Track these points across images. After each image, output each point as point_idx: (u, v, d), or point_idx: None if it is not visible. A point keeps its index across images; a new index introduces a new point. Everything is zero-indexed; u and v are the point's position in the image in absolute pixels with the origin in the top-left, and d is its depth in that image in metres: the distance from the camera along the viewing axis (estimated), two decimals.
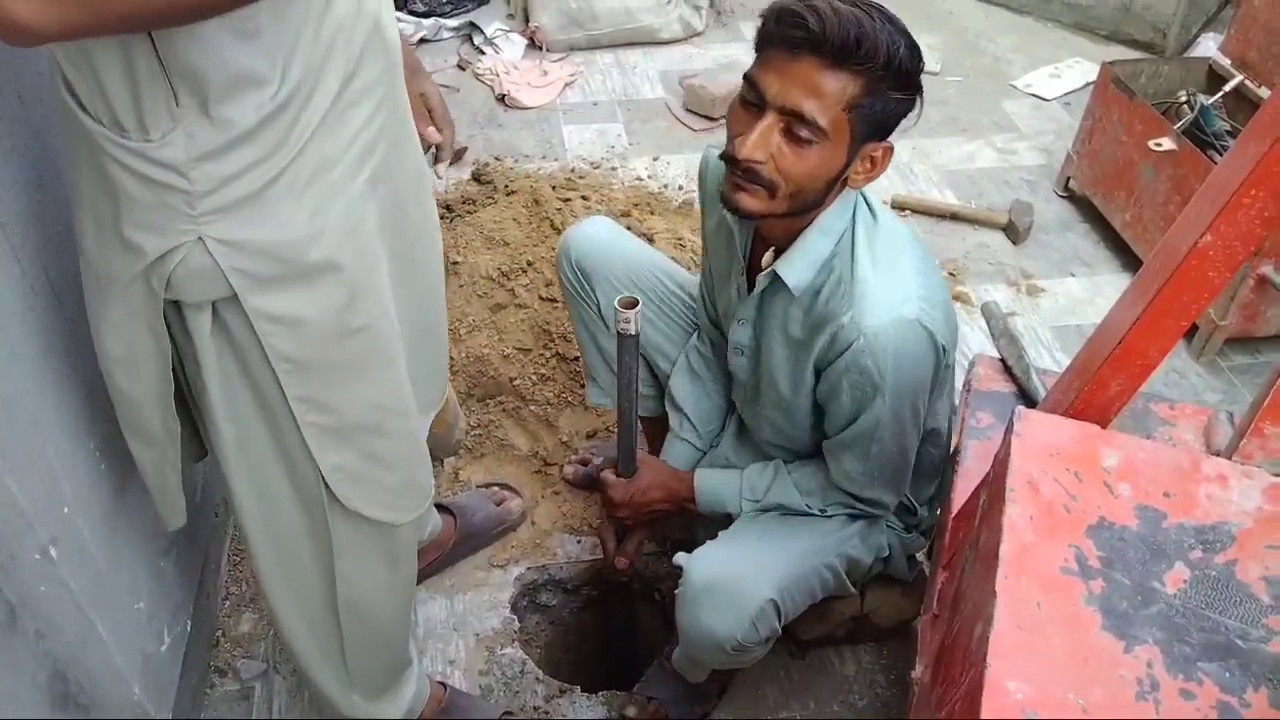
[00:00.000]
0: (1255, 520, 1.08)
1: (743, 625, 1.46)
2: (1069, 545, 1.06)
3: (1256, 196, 1.06)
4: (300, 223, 1.02)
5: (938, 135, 3.44)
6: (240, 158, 0.96)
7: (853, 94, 1.26)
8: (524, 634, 2.01)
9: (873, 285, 1.38)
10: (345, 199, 1.06)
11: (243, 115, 0.94)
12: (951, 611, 1.35)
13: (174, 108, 0.92)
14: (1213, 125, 2.73)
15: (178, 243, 0.99)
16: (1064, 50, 3.94)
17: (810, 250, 1.42)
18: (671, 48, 3.88)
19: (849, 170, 1.35)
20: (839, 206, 1.41)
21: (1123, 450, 1.16)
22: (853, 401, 1.43)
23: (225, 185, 0.96)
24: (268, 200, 0.99)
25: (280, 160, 0.98)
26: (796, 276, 1.43)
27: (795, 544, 1.56)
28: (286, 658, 1.83)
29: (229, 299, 1.05)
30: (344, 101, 1.02)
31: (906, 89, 1.30)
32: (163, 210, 0.97)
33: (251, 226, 1.00)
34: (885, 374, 1.38)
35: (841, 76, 1.25)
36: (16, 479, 1.15)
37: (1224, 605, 1.01)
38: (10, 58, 1.18)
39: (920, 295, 1.39)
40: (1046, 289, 2.82)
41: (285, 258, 1.03)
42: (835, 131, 1.28)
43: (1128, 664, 0.96)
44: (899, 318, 1.36)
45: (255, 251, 1.01)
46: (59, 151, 1.29)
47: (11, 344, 1.15)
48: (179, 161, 0.94)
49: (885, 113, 1.30)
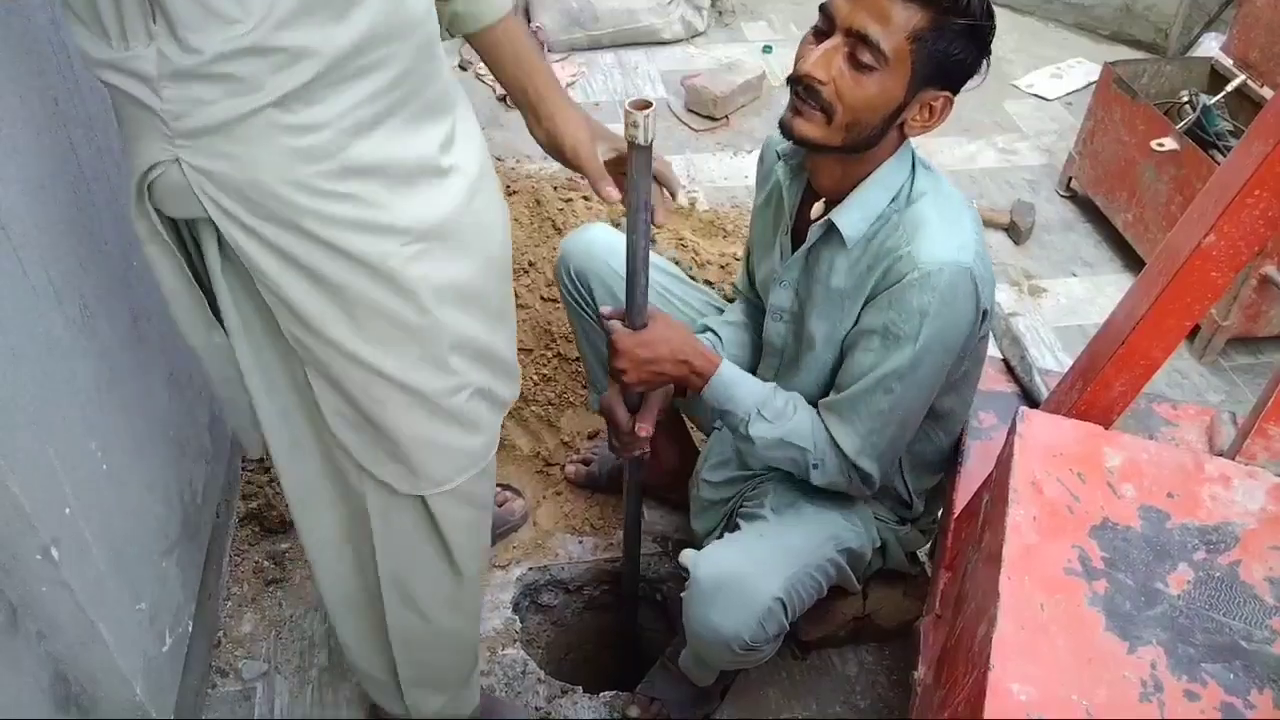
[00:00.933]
0: (1259, 521, 1.08)
1: (751, 624, 1.46)
2: (1072, 546, 1.06)
3: (1260, 197, 1.06)
4: (269, 167, 1.03)
5: (939, 135, 3.43)
6: (209, 87, 0.97)
7: (919, 24, 1.29)
8: (525, 634, 2.01)
9: (935, 225, 1.38)
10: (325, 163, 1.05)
11: (209, 45, 0.95)
12: (954, 612, 1.34)
13: (151, 25, 0.94)
14: (1215, 125, 2.73)
15: (158, 159, 1.01)
16: (1066, 50, 3.94)
17: (868, 202, 1.42)
18: (673, 48, 3.88)
19: (907, 113, 1.36)
20: (896, 162, 1.41)
21: (1126, 451, 1.16)
22: (882, 346, 1.40)
23: (195, 110, 0.98)
24: (238, 137, 1.00)
25: (252, 101, 0.98)
26: (852, 226, 1.42)
27: (797, 540, 1.54)
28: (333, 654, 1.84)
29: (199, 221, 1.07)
30: (344, 71, 1.01)
31: (973, 36, 1.31)
32: (143, 124, 1.00)
33: (222, 160, 1.01)
34: (926, 319, 1.36)
35: (911, 5, 1.28)
36: (18, 479, 1.15)
37: (1228, 606, 1.01)
38: (10, 57, 1.18)
39: (977, 250, 1.38)
40: (1048, 289, 2.82)
41: (250, 198, 1.04)
42: (897, 60, 1.30)
43: (1131, 665, 0.96)
44: (957, 262, 1.35)
45: (225, 186, 1.03)
46: (65, 152, 1.30)
47: (12, 344, 1.15)
48: (150, 76, 0.96)
49: (949, 55, 1.31)
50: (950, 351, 1.42)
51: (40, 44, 1.26)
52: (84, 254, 1.35)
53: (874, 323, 1.41)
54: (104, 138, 1.45)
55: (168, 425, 1.64)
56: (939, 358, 1.41)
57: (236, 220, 1.04)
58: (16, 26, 1.20)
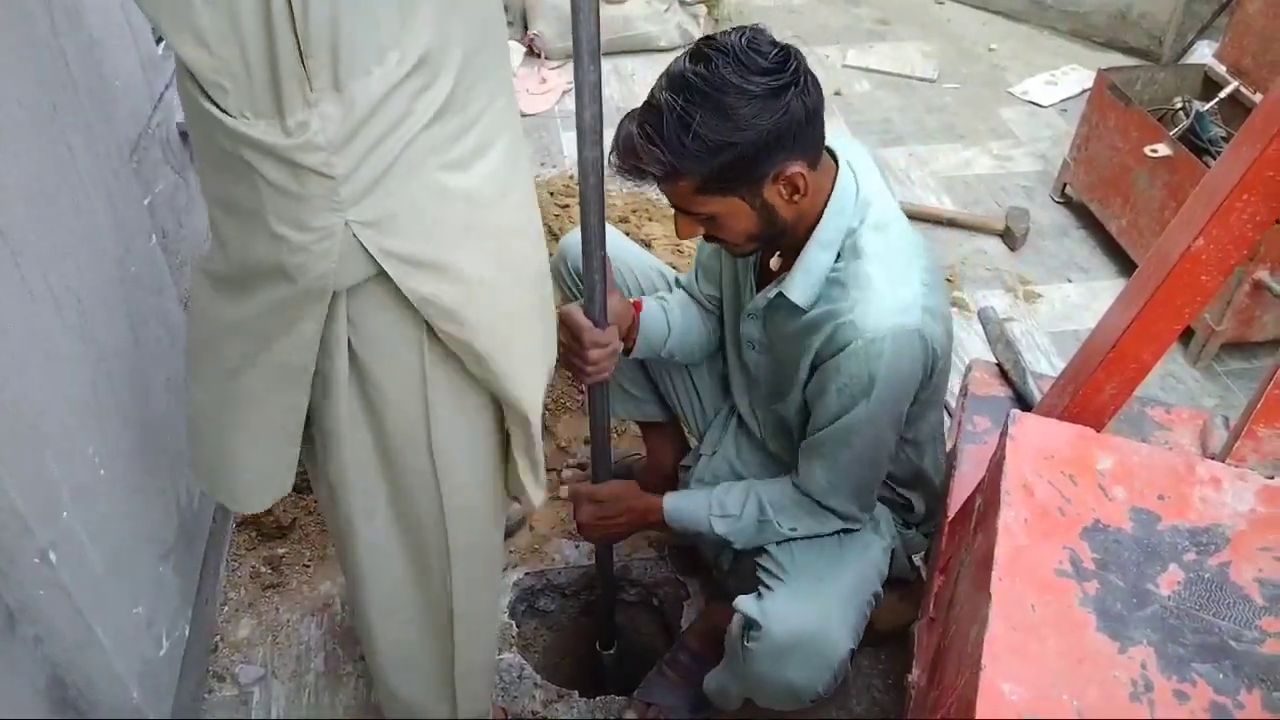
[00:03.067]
0: (1249, 522, 1.09)
1: (827, 679, 1.45)
2: (1063, 547, 1.07)
3: (1248, 201, 1.07)
4: (433, 189, 1.02)
5: (934, 142, 3.45)
6: (373, 131, 0.95)
7: (691, 186, 1.35)
8: (522, 639, 2.01)
9: (879, 286, 1.38)
10: (469, 175, 1.05)
11: (372, 86, 0.93)
12: (947, 615, 1.35)
13: (308, 93, 0.92)
14: (1208, 131, 2.74)
15: (326, 230, 0.99)
16: (1060, 57, 3.96)
17: (812, 267, 1.43)
18: (669, 55, 3.86)
19: (765, 210, 1.37)
20: (831, 218, 1.42)
21: (1117, 453, 1.16)
22: (837, 403, 1.42)
23: (364, 163, 0.96)
24: (397, 174, 0.99)
25: (409, 129, 0.97)
26: (802, 293, 1.44)
27: (852, 579, 1.53)
28: None
29: (357, 285, 1.05)
30: (470, 75, 1.01)
31: (719, 149, 1.29)
32: (307, 200, 0.97)
33: (390, 200, 1.00)
34: (875, 381, 1.38)
35: (667, 181, 1.36)
36: (16, 484, 1.15)
37: (1218, 607, 1.02)
38: (9, 64, 1.18)
39: (924, 305, 1.39)
40: (1043, 294, 2.83)
41: (425, 225, 1.03)
42: (715, 206, 1.37)
43: (1122, 665, 0.97)
44: (900, 326, 1.36)
45: (396, 225, 1.01)
46: (64, 159, 1.31)
47: (12, 350, 1.16)
48: (319, 148, 0.94)
49: (740, 167, 1.32)
50: (904, 399, 1.45)
51: (39, 49, 1.26)
52: (81, 260, 1.35)
53: (827, 385, 1.43)
54: (102, 144, 1.46)
55: (165, 430, 1.65)
56: (893, 409, 1.44)
57: (408, 260, 1.03)
58: (17, 33, 1.21)
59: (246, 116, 0.94)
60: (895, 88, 3.76)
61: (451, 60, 0.98)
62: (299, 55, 0.90)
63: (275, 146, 0.94)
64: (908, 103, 3.67)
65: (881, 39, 4.09)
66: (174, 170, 1.85)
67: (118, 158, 1.52)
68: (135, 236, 1.55)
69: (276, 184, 0.96)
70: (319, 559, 2.04)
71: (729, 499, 1.58)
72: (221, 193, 1.03)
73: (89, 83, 1.42)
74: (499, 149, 1.08)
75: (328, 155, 0.94)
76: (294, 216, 0.98)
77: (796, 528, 1.55)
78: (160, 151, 1.78)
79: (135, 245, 1.55)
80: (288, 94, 0.92)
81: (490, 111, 1.05)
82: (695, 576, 2.02)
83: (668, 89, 1.32)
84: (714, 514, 1.58)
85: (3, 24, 1.17)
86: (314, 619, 1.94)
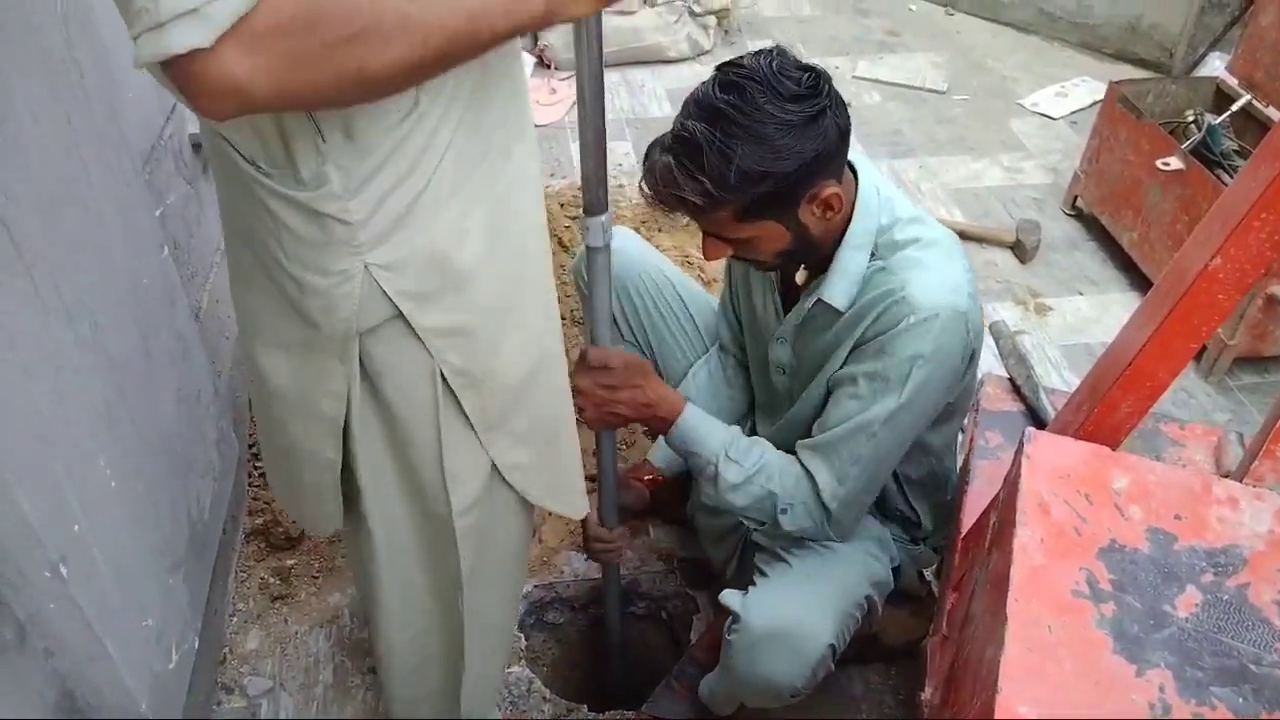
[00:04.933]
0: (1267, 543, 1.08)
1: (805, 674, 1.45)
2: (1080, 568, 1.06)
3: (1267, 220, 1.06)
4: (449, 228, 1.02)
5: (945, 154, 3.44)
6: (389, 176, 0.95)
7: (730, 212, 1.32)
8: (530, 652, 2.00)
9: (928, 267, 1.37)
10: (489, 199, 1.05)
11: (386, 134, 0.93)
12: (961, 633, 1.34)
13: (320, 145, 0.91)
14: (1220, 145, 2.73)
15: (345, 273, 0.99)
16: (1070, 69, 3.95)
17: (848, 268, 1.42)
18: (679, 66, 3.89)
19: (799, 230, 1.37)
20: (860, 221, 1.41)
21: (1133, 472, 1.15)
22: (869, 390, 1.39)
23: (381, 207, 0.96)
24: (419, 213, 0.99)
25: (425, 171, 0.97)
26: (842, 295, 1.43)
27: (839, 580, 1.52)
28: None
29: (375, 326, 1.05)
30: (478, 101, 1.01)
31: (780, 165, 1.28)
32: (328, 246, 0.97)
33: (409, 244, 1.00)
34: (916, 365, 1.36)
35: (710, 212, 1.33)
36: (27, 496, 1.15)
37: (1236, 629, 1.01)
38: (23, 76, 1.19)
39: (970, 292, 1.38)
40: (1054, 307, 2.82)
41: (441, 264, 1.03)
42: (752, 230, 1.35)
43: (1140, 688, 0.96)
44: (953, 306, 1.35)
45: (415, 267, 1.02)
46: (76, 171, 1.31)
47: (23, 361, 1.16)
48: (336, 196, 0.94)
49: (781, 189, 1.30)
50: (936, 396, 1.43)
51: (53, 62, 1.27)
52: (94, 271, 1.35)
53: (862, 368, 1.41)
54: (115, 157, 1.46)
55: (175, 442, 1.65)
56: (925, 402, 1.42)
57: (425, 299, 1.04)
58: (31, 46, 1.21)
59: (259, 166, 0.94)
60: (905, 99, 3.76)
61: (463, 92, 0.97)
62: (310, 116, 0.90)
63: (292, 197, 0.94)
64: (918, 114, 3.67)
65: (891, 50, 4.08)
66: (186, 181, 1.85)
67: (130, 169, 1.52)
68: (147, 248, 1.56)
69: (294, 229, 0.96)
70: (328, 571, 2.03)
71: (748, 455, 1.49)
72: (243, 230, 1.04)
73: (102, 94, 1.42)
74: (513, 166, 1.08)
75: (345, 202, 0.94)
76: (314, 261, 0.98)
77: (786, 516, 1.48)
78: (172, 163, 1.78)
79: (147, 256, 1.55)
80: (300, 148, 0.91)
81: (504, 130, 1.05)
82: (704, 590, 2.01)
83: (700, 119, 1.29)
84: (727, 454, 1.48)
85: (17, 37, 1.17)
86: (322, 630, 1.93)
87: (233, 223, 1.06)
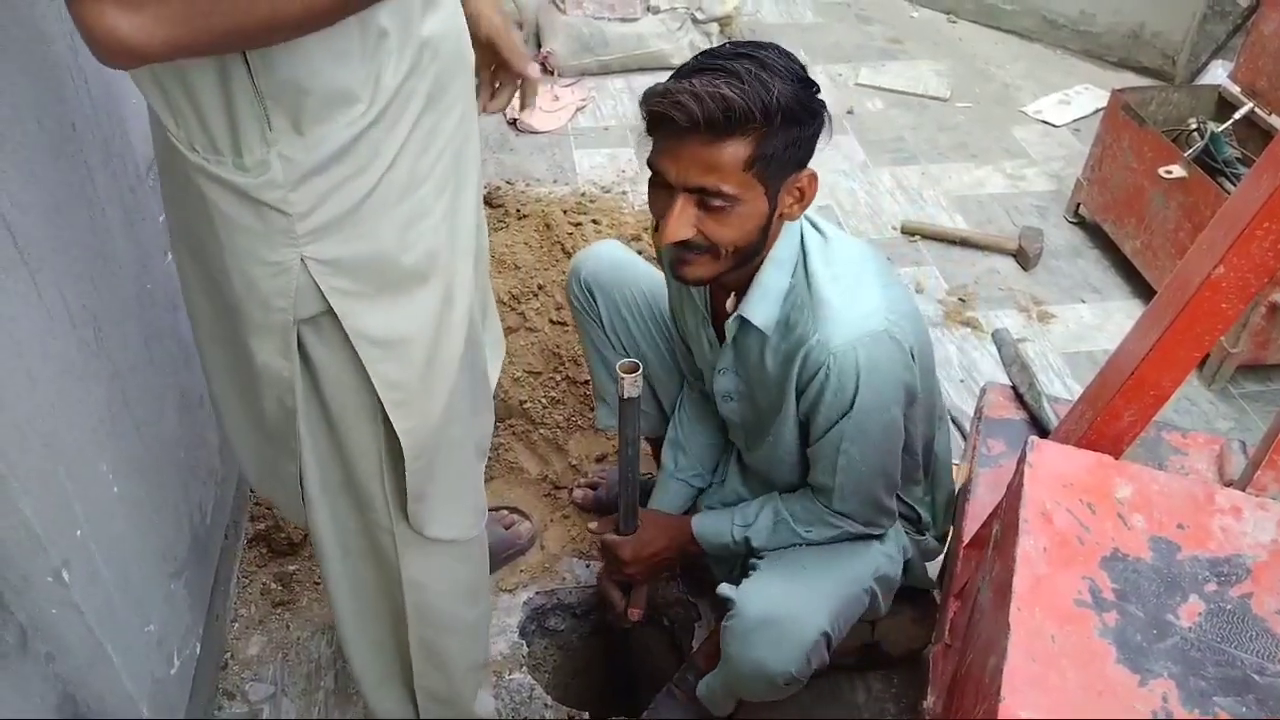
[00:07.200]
0: (1270, 553, 1.08)
1: (798, 659, 1.45)
2: (1083, 577, 1.06)
3: (1270, 229, 1.06)
4: (392, 235, 1.03)
5: (947, 161, 3.45)
6: (334, 175, 0.96)
7: (747, 154, 1.27)
8: (532, 659, 2.00)
9: (835, 304, 1.39)
10: (436, 210, 1.07)
11: (335, 133, 0.94)
12: (964, 642, 1.34)
13: (267, 132, 0.92)
14: (1223, 153, 2.73)
15: (281, 264, 1.00)
16: (1073, 77, 3.95)
17: (769, 287, 1.43)
18: None
19: (777, 211, 1.36)
20: (784, 238, 1.42)
21: (1136, 481, 1.15)
22: (825, 419, 1.43)
23: (322, 204, 0.97)
24: (364, 216, 1.00)
25: (373, 175, 0.98)
26: (763, 315, 1.44)
27: (838, 571, 1.54)
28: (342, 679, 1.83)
29: (311, 320, 1.06)
30: (434, 114, 1.02)
31: (800, 122, 1.29)
32: (265, 236, 0.98)
33: (349, 244, 1.01)
34: (858, 389, 1.38)
35: (729, 144, 1.26)
36: (30, 501, 1.15)
37: (1240, 639, 1.01)
38: (29, 83, 1.19)
39: (885, 307, 1.39)
40: (1057, 315, 2.82)
41: (381, 270, 1.04)
42: (745, 190, 1.30)
43: (1142, 697, 0.96)
44: (865, 332, 1.37)
45: (353, 268, 1.02)
46: (81, 177, 1.31)
47: (27, 367, 1.16)
48: (278, 185, 0.95)
49: (790, 150, 1.30)
50: (896, 403, 1.44)
51: (59, 69, 1.27)
52: (98, 277, 1.36)
53: (815, 405, 1.43)
54: (119, 162, 1.46)
55: (178, 447, 1.65)
56: (881, 415, 1.43)
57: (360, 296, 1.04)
58: (36, 53, 1.21)
59: (198, 150, 0.94)
60: (908, 106, 3.76)
61: (417, 101, 0.99)
62: (259, 103, 0.91)
63: (233, 183, 0.94)
64: (920, 121, 3.67)
65: (894, 58, 4.09)
66: None
67: (134, 175, 1.52)
68: (151, 254, 1.56)
69: (232, 217, 0.97)
70: None
71: (748, 509, 1.64)
72: (183, 228, 1.05)
73: (107, 101, 1.42)
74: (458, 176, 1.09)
75: (286, 192, 0.95)
76: (250, 249, 0.99)
77: (811, 530, 1.58)
78: None
79: (151, 263, 1.55)
80: (246, 132, 0.92)
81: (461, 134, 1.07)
82: (706, 597, 2.01)
83: (717, 55, 1.30)
84: (735, 524, 1.64)
85: (23, 44, 1.18)
86: (324, 636, 1.93)
87: (174, 220, 1.07)
